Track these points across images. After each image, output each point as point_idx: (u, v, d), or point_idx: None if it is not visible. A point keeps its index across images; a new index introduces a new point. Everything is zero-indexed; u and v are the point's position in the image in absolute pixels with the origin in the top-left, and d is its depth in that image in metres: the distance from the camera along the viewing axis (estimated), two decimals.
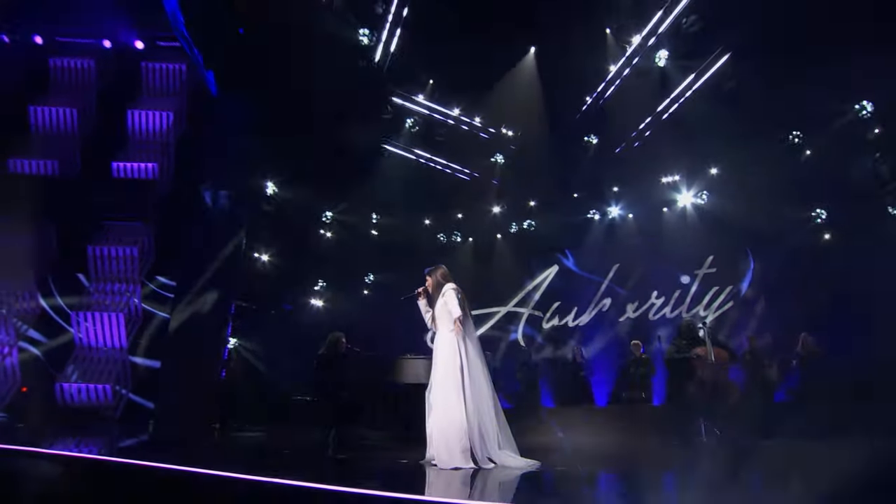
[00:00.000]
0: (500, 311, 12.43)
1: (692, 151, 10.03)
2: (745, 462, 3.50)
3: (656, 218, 10.90)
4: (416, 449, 5.08)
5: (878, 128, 7.57)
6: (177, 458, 3.34)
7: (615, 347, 10.55)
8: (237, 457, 3.97)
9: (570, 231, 11.84)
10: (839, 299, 7.75)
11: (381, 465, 3.72)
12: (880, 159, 7.53)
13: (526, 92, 9.88)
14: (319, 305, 11.38)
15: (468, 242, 13.07)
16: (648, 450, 4.56)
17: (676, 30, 8.30)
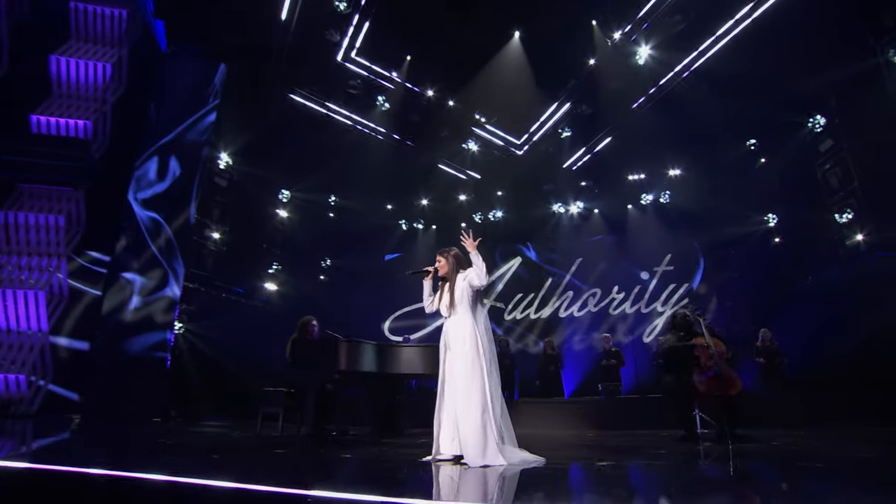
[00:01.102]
0: None
1: (659, 151, 10.42)
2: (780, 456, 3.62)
3: (621, 214, 11.25)
4: (408, 445, 4.83)
5: (828, 140, 8.26)
6: (107, 461, 2.87)
7: (580, 340, 10.80)
8: (184, 456, 3.47)
9: (536, 223, 11.95)
10: (786, 299, 8.41)
11: (379, 464, 3.40)
12: (829, 170, 8.24)
13: (506, 79, 9.72)
14: (273, 290, 10.62)
15: (431, 230, 12.86)
16: (668, 444, 4.59)
17: (658, 27, 8.50)
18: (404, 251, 12.94)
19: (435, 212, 12.64)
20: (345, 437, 5.06)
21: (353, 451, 4.10)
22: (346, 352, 4.66)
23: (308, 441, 4.72)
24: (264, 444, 4.58)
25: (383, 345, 4.94)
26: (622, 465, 3.31)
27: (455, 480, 2.81)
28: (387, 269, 12.94)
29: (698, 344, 5.05)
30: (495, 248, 12.46)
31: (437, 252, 3.89)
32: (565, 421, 7.10)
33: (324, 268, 12.08)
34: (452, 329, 3.60)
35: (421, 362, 4.90)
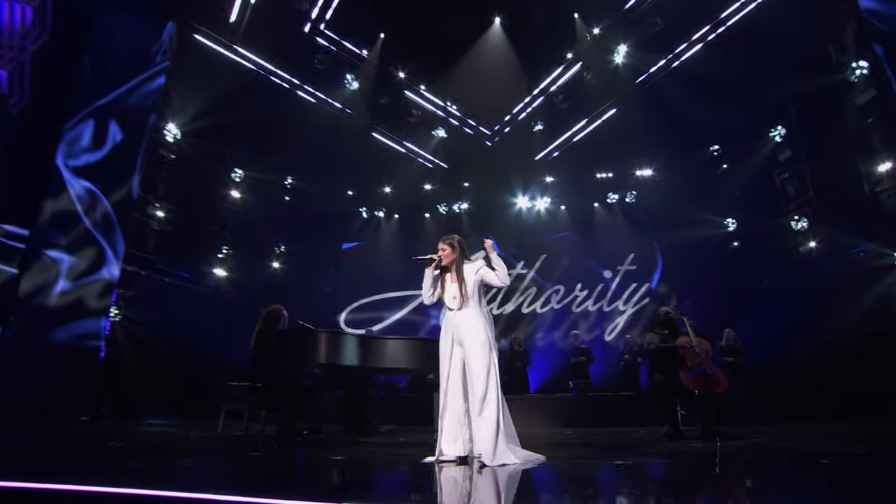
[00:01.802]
0: None
1: (628, 151, 10.63)
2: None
3: (587, 212, 11.40)
4: (392, 444, 4.57)
5: (787, 151, 8.72)
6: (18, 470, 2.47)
7: (543, 336, 10.86)
8: (144, 461, 3.06)
9: (502, 217, 11.87)
10: (744, 302, 8.82)
11: (384, 467, 3.14)
12: (787, 179, 8.72)
13: (482, 66, 9.54)
14: (222, 275, 9.87)
15: (393, 219, 12.49)
16: (658, 441, 4.59)
17: (637, 26, 8.61)
18: (364, 240, 12.49)
19: (398, 200, 12.28)
20: (318, 436, 4.68)
21: (339, 453, 3.77)
22: (327, 344, 4.31)
23: (280, 441, 4.32)
24: (231, 445, 4.14)
25: (366, 337, 4.62)
26: (641, 463, 3.22)
27: (496, 484, 2.59)
28: (345, 257, 12.45)
29: (684, 343, 5.10)
30: None
31: (440, 239, 3.68)
32: (538, 418, 7.06)
33: (278, 254, 11.40)
34: (464, 322, 3.43)
35: (405, 356, 4.63)
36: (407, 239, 12.27)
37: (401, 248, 12.23)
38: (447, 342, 3.47)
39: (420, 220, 12.37)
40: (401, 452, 3.91)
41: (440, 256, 3.61)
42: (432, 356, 4.75)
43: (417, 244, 12.25)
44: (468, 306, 3.47)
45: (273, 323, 5.13)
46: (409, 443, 4.69)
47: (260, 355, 5.02)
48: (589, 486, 2.57)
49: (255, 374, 5.00)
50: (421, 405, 7.82)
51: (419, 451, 4.02)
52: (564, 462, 3.39)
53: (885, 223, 7.10)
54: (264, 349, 5.00)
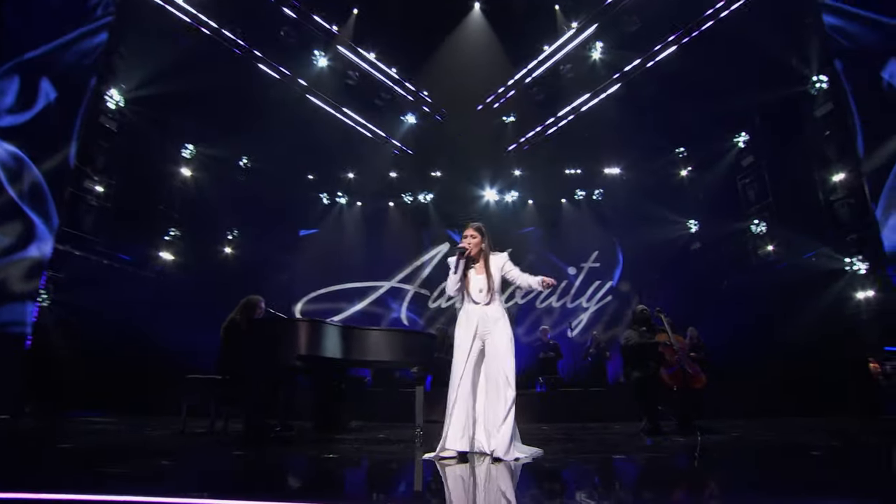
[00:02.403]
0: (384, 285, 11.83)
1: (597, 148, 10.84)
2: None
3: (555, 208, 11.55)
4: (373, 441, 4.42)
5: (750, 157, 9.21)
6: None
7: None
8: (96, 466, 2.80)
9: (468, 208, 11.79)
10: (705, 302, 9.24)
11: (386, 466, 2.99)
12: (748, 184, 9.20)
13: (458, 52, 9.40)
14: (169, 259, 9.20)
15: (355, 207, 12.12)
16: (642, 436, 4.67)
17: (615, 24, 8.76)
18: (323, 227, 12.03)
19: (361, 187, 11.92)
20: (289, 433, 4.41)
21: (321, 451, 3.55)
22: (308, 334, 4.04)
23: (250, 439, 4.03)
24: (202, 443, 3.81)
25: (349, 328, 4.37)
26: (643, 457, 3.22)
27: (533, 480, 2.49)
28: (303, 245, 11.95)
29: (662, 341, 5.22)
30: (423, 232, 12.10)
31: (468, 225, 3.58)
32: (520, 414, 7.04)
33: (231, 238, 10.77)
34: (491, 317, 3.40)
35: (388, 349, 4.45)
36: (370, 227, 11.97)
37: (363, 236, 11.92)
38: (467, 336, 3.40)
39: (384, 208, 12.09)
40: (388, 450, 3.74)
41: (468, 245, 3.48)
42: (417, 350, 4.62)
43: (381, 233, 11.99)
44: (494, 301, 3.44)
45: (249, 313, 4.82)
46: (389, 439, 4.56)
47: (231, 346, 4.70)
48: (611, 479, 2.53)
49: (224, 367, 4.67)
50: (388, 400, 7.65)
51: (407, 447, 3.88)
52: (565, 456, 3.37)
53: (838, 230, 7.64)
54: (236, 340, 4.68)
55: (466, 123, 10.79)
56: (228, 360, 4.66)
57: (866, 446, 3.90)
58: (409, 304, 11.78)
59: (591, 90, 9.91)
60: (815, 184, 7.88)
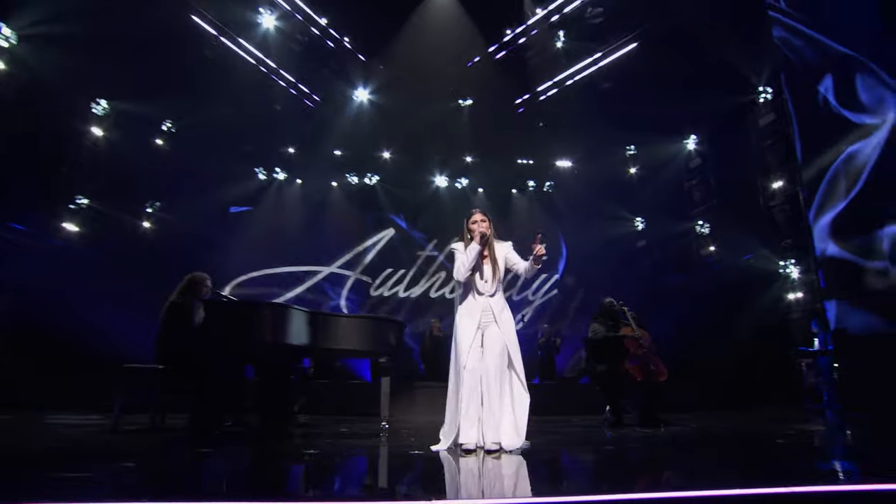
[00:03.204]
0: (323, 271, 11.41)
1: (551, 140, 11.07)
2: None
3: (505, 197, 11.67)
4: (348, 435, 4.25)
5: (697, 159, 9.84)
6: None
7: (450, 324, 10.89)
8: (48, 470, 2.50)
9: (416, 194, 11.64)
10: (649, 298, 9.77)
11: (402, 461, 2.87)
12: (695, 186, 9.83)
13: (416, 26, 9.18)
14: (74, 231, 8.24)
15: (295, 184, 11.53)
16: (605, 429, 4.82)
17: (580, 15, 8.95)
18: (257, 205, 11.33)
19: (303, 164, 11.34)
20: (242, 428, 4.10)
21: (298, 447, 3.30)
22: (275, 319, 3.73)
23: (201, 435, 3.69)
24: (153, 441, 3.41)
25: (318, 314, 4.10)
26: (628, 447, 3.30)
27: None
28: (233, 222, 11.18)
29: (628, 334, 5.42)
30: (367, 215, 11.78)
31: (476, 210, 3.58)
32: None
33: (150, 212, 9.83)
34: (497, 307, 3.40)
35: (358, 337, 4.25)
36: (309, 208, 11.43)
37: (302, 217, 11.37)
38: (472, 326, 3.36)
39: (326, 188, 11.60)
40: (367, 444, 3.56)
41: (486, 229, 3.47)
42: (387, 338, 4.46)
43: (321, 214, 11.50)
44: (499, 290, 3.45)
45: (195, 293, 4.38)
46: (358, 433, 4.44)
47: (175, 332, 4.28)
48: (621, 468, 2.55)
49: (168, 354, 4.24)
50: (331, 392, 7.38)
51: (390, 441, 3.73)
52: (555, 447, 3.40)
53: (775, 235, 8.37)
54: (182, 324, 4.26)
55: (421, 104, 10.58)
56: (174, 347, 4.24)
57: (812, 434, 4.28)
58: (350, 292, 11.44)
59: (550, 80, 10.07)
60: (757, 189, 8.58)
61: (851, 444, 3.87)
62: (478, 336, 3.34)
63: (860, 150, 7.70)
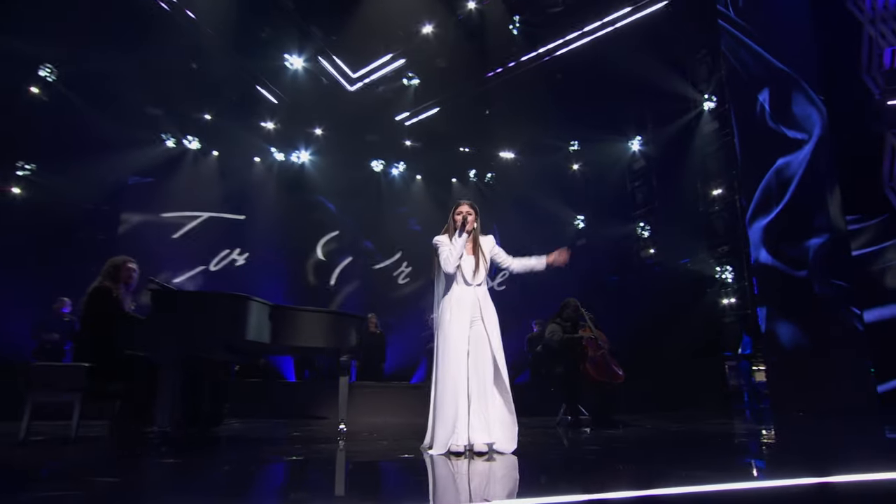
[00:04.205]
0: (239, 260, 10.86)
1: (495, 130, 11.31)
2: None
3: (444, 187, 11.75)
4: (301, 442, 4.14)
5: (641, 160, 10.54)
6: None
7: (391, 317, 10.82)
8: None
9: (348, 177, 11.39)
10: (588, 298, 10.33)
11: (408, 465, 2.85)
12: (638, 188, 10.53)
13: None
14: None
15: (211, 156, 10.81)
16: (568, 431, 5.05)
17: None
18: (160, 176, 10.47)
19: (221, 134, 10.62)
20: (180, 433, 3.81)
21: (264, 453, 3.13)
22: (234, 312, 3.50)
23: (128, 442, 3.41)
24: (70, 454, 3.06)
25: (279, 307, 3.89)
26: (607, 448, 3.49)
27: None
28: (130, 196, 10.25)
29: (587, 335, 5.72)
30: (293, 197, 11.32)
31: (463, 201, 3.62)
32: (407, 407, 7.13)
33: (21, 175, 8.75)
34: (483, 300, 3.45)
35: (321, 332, 4.08)
36: (226, 183, 10.76)
37: (215, 193, 10.67)
38: (463, 321, 3.35)
39: (248, 164, 10.98)
40: (329, 449, 3.45)
41: (471, 222, 3.49)
42: (349, 334, 4.36)
43: (241, 191, 10.85)
44: (484, 284, 3.51)
45: (116, 279, 3.99)
46: (316, 437, 4.36)
47: (99, 324, 3.90)
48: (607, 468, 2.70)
49: (96, 353, 3.86)
50: (255, 392, 7.06)
51: (359, 445, 3.65)
52: (532, 449, 3.51)
53: (711, 240, 9.21)
54: (106, 316, 3.89)
55: (362, 80, 10.36)
56: (102, 344, 3.85)
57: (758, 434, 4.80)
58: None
59: (500, 66, 10.26)
60: (697, 195, 9.36)
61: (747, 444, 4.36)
62: (466, 330, 3.36)
63: (790, 162, 8.68)
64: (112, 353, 3.79)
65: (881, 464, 2.79)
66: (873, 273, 7.78)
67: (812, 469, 2.57)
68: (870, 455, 3.31)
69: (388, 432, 4.97)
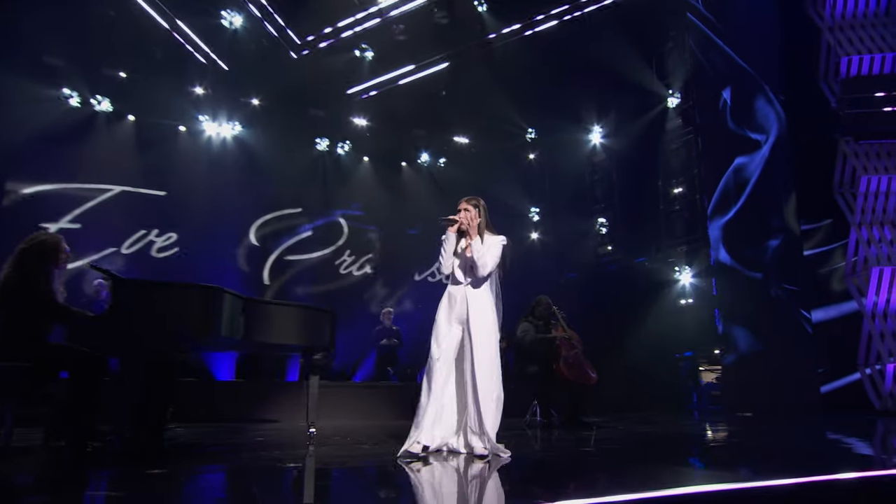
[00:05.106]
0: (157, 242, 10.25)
1: (451, 112, 11.33)
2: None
3: (395, 169, 11.66)
4: (264, 448, 4.08)
5: (602, 154, 10.92)
6: None
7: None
8: None
9: (288, 156, 11.02)
10: (539, 293, 10.64)
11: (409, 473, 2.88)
12: (597, 182, 10.93)
13: None
14: None
15: (126, 121, 10.06)
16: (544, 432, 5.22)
17: None
18: (60, 141, 9.63)
19: (142, 94, 9.88)
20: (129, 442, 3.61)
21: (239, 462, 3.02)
22: (208, 306, 3.32)
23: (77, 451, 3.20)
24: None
25: (253, 300, 3.73)
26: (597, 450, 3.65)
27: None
28: (18, 162, 9.34)
29: (560, 335, 5.93)
30: (222, 174, 10.78)
31: (463, 199, 3.75)
32: (369, 409, 7.12)
33: None
34: (473, 301, 3.53)
35: (295, 328, 3.95)
36: (144, 154, 10.06)
37: (129, 164, 9.96)
38: (446, 319, 3.53)
39: (171, 133, 10.33)
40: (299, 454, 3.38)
41: (460, 217, 3.64)
42: (323, 330, 4.29)
43: (159, 162, 10.17)
44: (484, 283, 3.60)
45: (48, 261, 3.65)
46: (284, 442, 4.35)
47: (24, 316, 3.58)
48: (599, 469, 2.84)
49: (28, 348, 3.55)
50: (192, 394, 6.74)
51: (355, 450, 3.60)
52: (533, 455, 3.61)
53: (670, 239, 9.76)
54: (34, 305, 3.58)
55: (310, 48, 10.04)
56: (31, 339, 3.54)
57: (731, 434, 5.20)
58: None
59: (462, 44, 10.28)
60: (658, 193, 9.86)
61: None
62: (454, 331, 3.50)
63: (748, 163, 9.36)
64: (45, 350, 3.51)
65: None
66: (822, 275, 8.58)
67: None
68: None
69: (361, 435, 4.94)
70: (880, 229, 8.15)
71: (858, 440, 4.57)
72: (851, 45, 8.63)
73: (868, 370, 7.91)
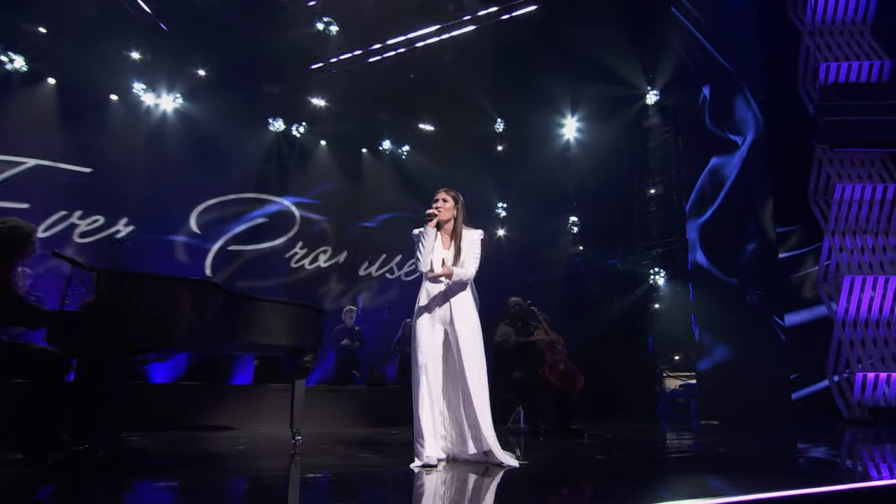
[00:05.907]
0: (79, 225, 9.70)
1: (417, 97, 11.24)
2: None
3: (354, 156, 11.49)
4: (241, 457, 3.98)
5: (576, 149, 11.11)
6: None
7: None
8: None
9: (237, 137, 10.61)
10: (506, 293, 10.74)
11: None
12: (570, 179, 11.11)
13: None
14: None
15: (45, 84, 9.49)
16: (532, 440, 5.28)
17: None
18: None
19: (63, 57, 9.25)
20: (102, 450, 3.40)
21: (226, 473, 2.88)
22: (199, 302, 3.15)
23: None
24: None
25: (241, 296, 3.55)
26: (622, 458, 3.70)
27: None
28: None
29: (543, 338, 6.00)
30: (159, 152, 10.27)
31: (441, 189, 3.80)
32: (336, 416, 6.95)
33: None
34: (454, 296, 3.54)
35: (283, 327, 3.77)
36: (66, 124, 9.43)
37: (49, 135, 9.32)
38: (426, 319, 3.53)
39: (101, 102, 9.71)
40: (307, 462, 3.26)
41: (437, 209, 3.66)
42: (311, 330, 4.17)
43: (86, 137, 9.55)
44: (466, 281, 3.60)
45: (15, 251, 3.37)
46: (264, 451, 4.31)
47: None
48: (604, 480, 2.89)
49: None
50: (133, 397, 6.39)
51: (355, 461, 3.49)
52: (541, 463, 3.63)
53: (645, 241, 10.06)
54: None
55: (267, 18, 9.69)
56: None
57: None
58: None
59: (437, 24, 10.20)
60: (633, 193, 10.14)
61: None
62: (437, 331, 3.52)
63: (725, 163, 9.77)
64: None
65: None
66: (795, 279, 9.10)
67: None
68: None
69: (336, 442, 4.84)
70: (852, 238, 8.70)
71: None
72: (830, 50, 9.15)
73: (836, 377, 8.44)
